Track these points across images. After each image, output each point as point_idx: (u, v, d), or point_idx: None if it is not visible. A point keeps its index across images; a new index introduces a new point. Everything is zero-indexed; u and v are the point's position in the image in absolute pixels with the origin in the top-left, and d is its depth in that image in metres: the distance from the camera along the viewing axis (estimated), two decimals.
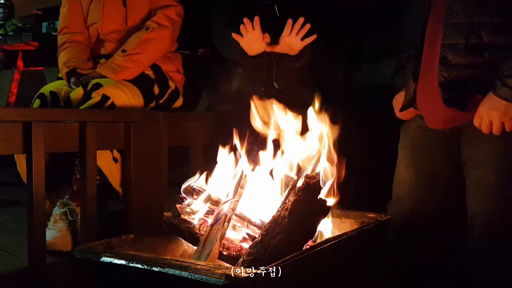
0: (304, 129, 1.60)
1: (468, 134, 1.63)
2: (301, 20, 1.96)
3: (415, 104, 1.76)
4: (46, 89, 2.33)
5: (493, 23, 1.50)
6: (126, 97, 2.25)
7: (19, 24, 3.64)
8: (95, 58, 2.50)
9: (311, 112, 1.57)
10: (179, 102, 2.52)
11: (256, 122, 1.59)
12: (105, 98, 2.17)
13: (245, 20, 1.98)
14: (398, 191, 1.86)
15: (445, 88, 1.57)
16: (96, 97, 2.17)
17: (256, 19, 1.97)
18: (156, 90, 2.41)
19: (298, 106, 1.66)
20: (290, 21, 1.97)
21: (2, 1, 3.99)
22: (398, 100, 1.88)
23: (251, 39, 2.01)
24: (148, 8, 2.46)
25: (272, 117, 1.59)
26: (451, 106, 1.57)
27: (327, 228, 1.61)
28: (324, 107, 1.58)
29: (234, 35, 2.03)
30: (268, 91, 2.16)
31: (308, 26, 1.97)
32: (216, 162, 1.66)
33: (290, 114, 1.59)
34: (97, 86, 2.20)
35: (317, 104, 1.57)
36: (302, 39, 2.01)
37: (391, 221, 1.79)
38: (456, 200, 1.73)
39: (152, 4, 2.46)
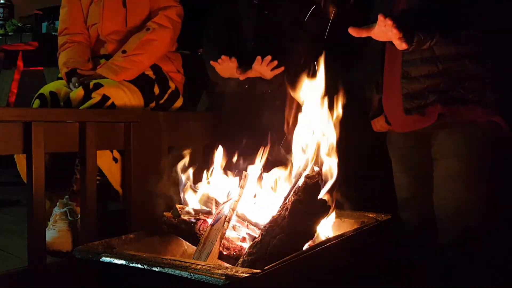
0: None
1: (435, 133, 1.78)
2: (268, 58, 2.10)
3: (383, 113, 1.93)
4: (46, 89, 2.33)
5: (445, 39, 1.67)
6: (126, 97, 2.25)
7: (19, 24, 3.64)
8: (95, 58, 2.50)
9: (312, 109, 1.59)
10: (179, 103, 2.52)
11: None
12: (105, 98, 2.17)
13: (223, 57, 2.15)
14: (400, 196, 1.97)
15: (406, 98, 1.76)
16: (96, 97, 2.16)
17: (233, 59, 2.15)
18: (156, 90, 2.40)
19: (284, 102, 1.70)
20: (258, 58, 2.11)
21: (2, 1, 3.99)
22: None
23: (226, 68, 2.19)
24: (148, 9, 2.46)
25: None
26: (409, 114, 1.76)
27: (327, 228, 1.61)
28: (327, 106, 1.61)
29: (212, 63, 2.20)
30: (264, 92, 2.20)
31: (275, 62, 2.11)
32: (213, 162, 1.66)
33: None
34: (97, 86, 2.20)
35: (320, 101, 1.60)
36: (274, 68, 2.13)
37: (403, 223, 1.91)
38: None
39: (152, 5, 2.46)
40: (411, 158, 1.91)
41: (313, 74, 1.67)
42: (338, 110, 1.63)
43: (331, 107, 1.63)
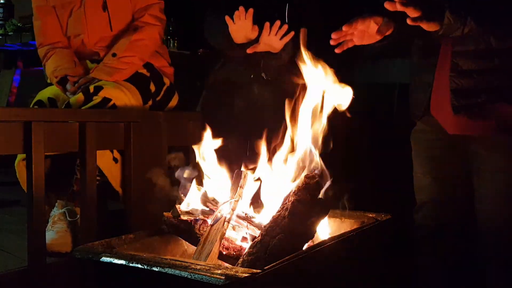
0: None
1: (480, 140, 1.66)
2: (277, 23, 1.99)
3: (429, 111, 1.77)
4: (44, 95, 2.31)
5: (501, 30, 1.53)
6: (126, 97, 2.25)
7: (19, 24, 3.64)
8: (83, 62, 2.45)
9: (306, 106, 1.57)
10: (175, 100, 2.51)
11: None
12: (105, 100, 2.17)
13: (240, 8, 1.99)
14: (420, 198, 1.89)
15: (456, 94, 1.60)
16: (97, 99, 2.16)
17: (250, 10, 1.99)
18: (152, 87, 2.40)
19: (287, 97, 1.66)
20: (267, 24, 2.00)
21: (2, 1, 3.98)
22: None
23: (241, 27, 2.03)
24: (130, 10, 2.42)
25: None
26: (458, 113, 1.61)
27: (327, 228, 1.61)
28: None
29: (227, 18, 2.03)
30: (257, 79, 2.16)
31: (285, 27, 2.00)
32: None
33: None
34: (98, 89, 2.19)
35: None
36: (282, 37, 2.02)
37: (417, 225, 1.86)
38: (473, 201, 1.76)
39: (133, 6, 2.42)
40: (438, 159, 1.80)
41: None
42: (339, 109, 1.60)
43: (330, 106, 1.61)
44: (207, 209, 1.56)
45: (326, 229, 1.61)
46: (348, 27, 1.67)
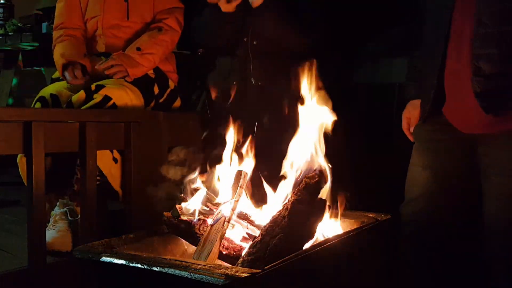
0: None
1: (488, 141, 1.65)
2: None
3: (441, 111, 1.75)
4: (47, 91, 2.32)
5: None
6: (128, 97, 2.25)
7: (19, 24, 3.63)
8: (91, 55, 2.47)
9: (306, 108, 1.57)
10: (177, 103, 2.52)
11: None
12: (106, 98, 2.17)
13: None
14: (412, 192, 1.87)
15: (483, 97, 1.57)
16: (97, 97, 2.16)
17: None
18: (156, 89, 2.41)
19: (279, 98, 1.66)
20: None
21: (2, 1, 3.98)
22: (412, 112, 1.90)
23: None
24: (151, 7, 2.46)
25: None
26: (490, 112, 1.58)
27: (327, 228, 1.61)
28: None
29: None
30: (242, 84, 2.16)
31: None
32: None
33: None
34: (99, 87, 2.19)
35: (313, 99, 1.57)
36: None
37: (404, 221, 1.84)
38: (470, 202, 1.77)
39: (156, 4, 2.46)
40: (441, 154, 1.78)
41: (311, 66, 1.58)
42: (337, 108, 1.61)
43: (329, 105, 1.61)
44: (207, 209, 1.56)
45: (326, 229, 1.61)
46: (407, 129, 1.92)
